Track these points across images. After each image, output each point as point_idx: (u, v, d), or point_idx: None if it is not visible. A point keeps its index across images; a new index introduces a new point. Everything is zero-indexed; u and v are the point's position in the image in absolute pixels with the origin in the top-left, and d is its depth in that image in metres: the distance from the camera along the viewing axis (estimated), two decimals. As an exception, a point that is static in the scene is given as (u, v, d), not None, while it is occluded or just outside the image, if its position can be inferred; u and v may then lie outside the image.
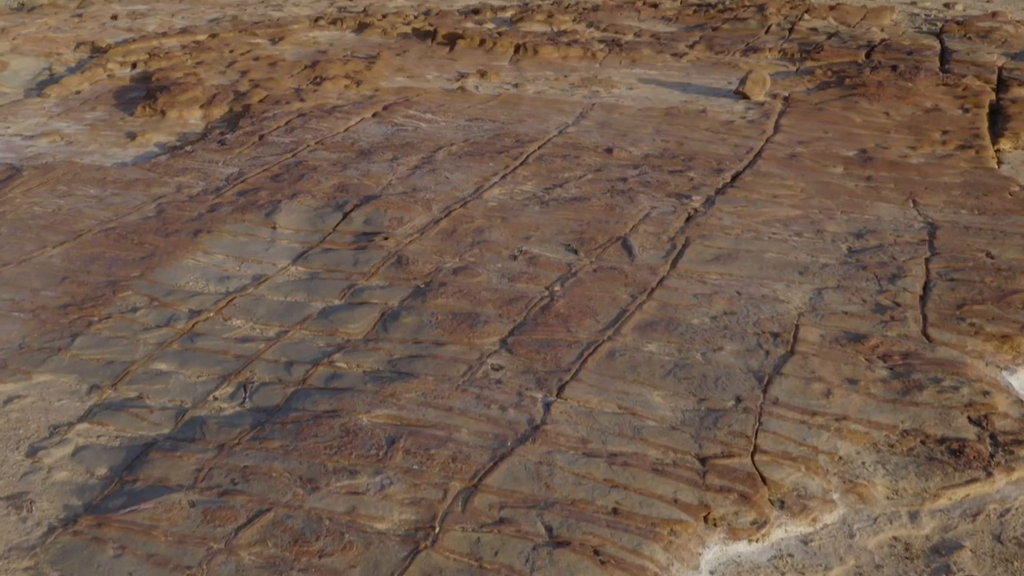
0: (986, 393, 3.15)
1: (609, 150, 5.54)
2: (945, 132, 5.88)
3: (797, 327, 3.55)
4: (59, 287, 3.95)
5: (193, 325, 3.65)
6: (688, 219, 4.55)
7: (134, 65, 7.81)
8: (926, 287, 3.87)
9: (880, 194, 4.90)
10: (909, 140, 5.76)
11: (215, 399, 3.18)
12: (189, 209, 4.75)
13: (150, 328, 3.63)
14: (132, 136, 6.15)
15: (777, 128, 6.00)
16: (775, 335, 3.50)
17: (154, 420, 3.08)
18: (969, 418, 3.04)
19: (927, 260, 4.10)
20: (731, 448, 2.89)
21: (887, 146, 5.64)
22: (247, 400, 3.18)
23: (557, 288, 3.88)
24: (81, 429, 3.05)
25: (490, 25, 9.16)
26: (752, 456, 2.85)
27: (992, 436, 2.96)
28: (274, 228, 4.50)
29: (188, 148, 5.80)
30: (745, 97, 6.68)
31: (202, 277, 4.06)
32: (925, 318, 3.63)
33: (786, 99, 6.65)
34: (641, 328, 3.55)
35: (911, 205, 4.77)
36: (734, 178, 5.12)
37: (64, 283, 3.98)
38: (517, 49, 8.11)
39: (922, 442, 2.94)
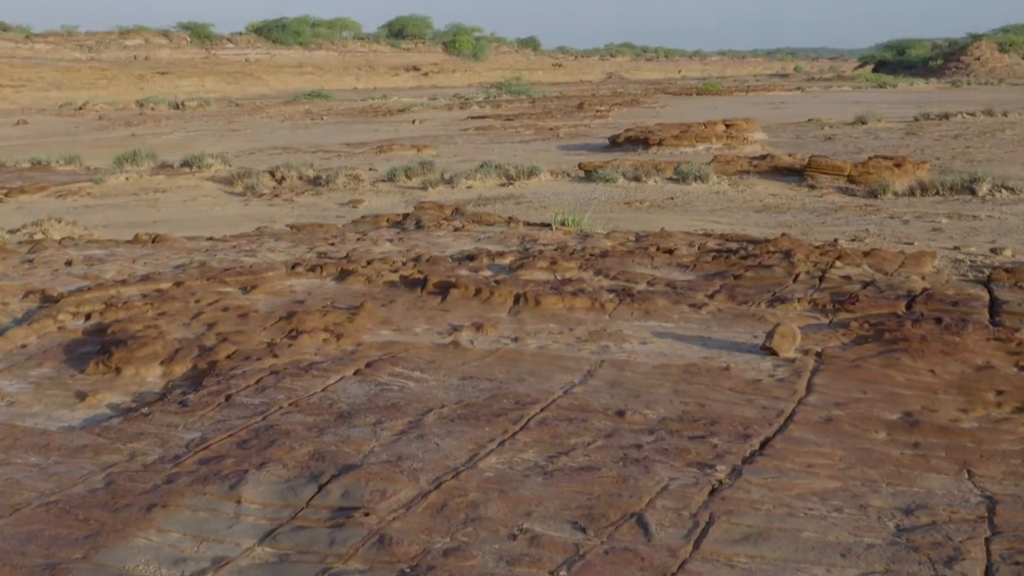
0: None
1: (621, 413, 5.65)
2: (1000, 393, 6.01)
3: (841, 619, 3.54)
4: (-11, 571, 3.96)
5: (142, 616, 3.64)
6: (712, 492, 4.60)
7: (88, 316, 8.05)
8: (988, 571, 3.88)
9: (930, 463, 4.97)
10: (959, 402, 5.88)
11: None
12: (143, 480, 4.80)
13: (92, 620, 3.62)
14: (82, 396, 6.28)
15: (810, 388, 6.14)
16: (816, 629, 3.49)
17: None
18: None
19: (987, 540, 4.13)
20: None
21: (935, 409, 5.75)
22: None
23: (563, 573, 3.89)
24: None
25: (487, 273, 9.49)
26: None
27: None
28: (239, 502, 4.54)
29: (144, 410, 5.92)
30: (773, 353, 6.85)
31: (154, 559, 4.07)
32: (989, 608, 3.63)
33: (819, 355, 6.81)
34: (660, 620, 3.54)
35: (966, 476, 4.83)
36: (763, 445, 5.20)
37: (-5, 566, 3.99)
38: (517, 299, 8.35)
39: None
